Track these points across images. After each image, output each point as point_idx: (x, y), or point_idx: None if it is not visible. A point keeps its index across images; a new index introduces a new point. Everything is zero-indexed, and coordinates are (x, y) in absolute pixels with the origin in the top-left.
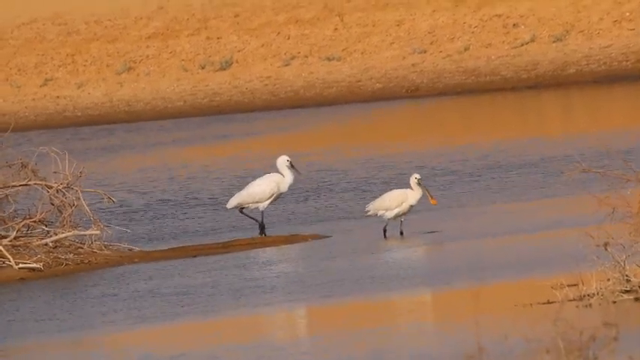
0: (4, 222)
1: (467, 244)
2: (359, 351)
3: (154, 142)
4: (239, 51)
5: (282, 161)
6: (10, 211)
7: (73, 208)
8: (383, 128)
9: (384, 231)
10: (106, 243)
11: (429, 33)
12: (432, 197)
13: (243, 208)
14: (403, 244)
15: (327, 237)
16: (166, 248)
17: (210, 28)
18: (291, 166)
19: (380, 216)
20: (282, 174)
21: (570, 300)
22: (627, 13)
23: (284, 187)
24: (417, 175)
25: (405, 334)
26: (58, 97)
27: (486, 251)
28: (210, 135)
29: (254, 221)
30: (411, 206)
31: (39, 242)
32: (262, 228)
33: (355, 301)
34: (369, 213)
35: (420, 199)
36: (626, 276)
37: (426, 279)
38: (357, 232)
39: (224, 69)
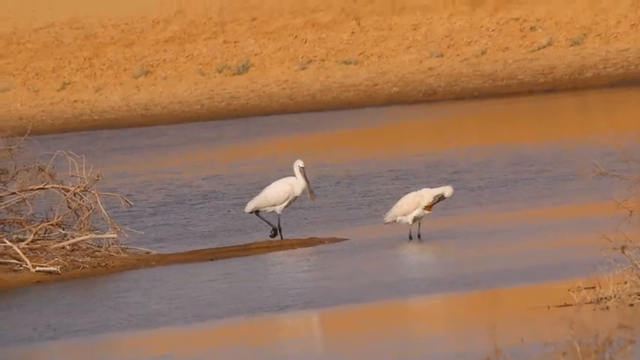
0: (22, 225)
1: (484, 247)
2: (375, 355)
3: (171, 146)
4: (256, 55)
5: (295, 166)
6: (28, 214)
7: (90, 211)
8: (399, 132)
9: (410, 236)
10: (123, 246)
11: (446, 37)
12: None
13: (259, 211)
14: (420, 247)
15: (345, 240)
16: (183, 251)
17: (228, 31)
18: (303, 174)
19: (399, 222)
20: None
21: (587, 303)
22: None
23: (298, 191)
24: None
25: (422, 337)
26: (75, 101)
27: (504, 254)
28: (227, 138)
29: (271, 225)
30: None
31: (56, 245)
32: (279, 231)
33: (372, 304)
34: (387, 221)
35: (437, 196)
36: None
37: (442, 282)
38: (374, 235)
39: (241, 73)
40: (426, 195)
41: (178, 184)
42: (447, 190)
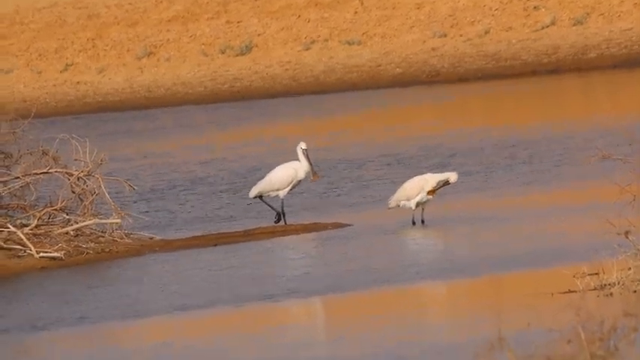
0: (25, 210)
1: (487, 232)
2: (378, 340)
3: (174, 128)
4: (259, 35)
5: (298, 148)
6: (32, 199)
7: (94, 196)
8: (403, 114)
9: (413, 221)
10: (126, 231)
11: (449, 16)
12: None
13: (263, 196)
14: (424, 233)
15: (348, 225)
16: (187, 236)
17: (230, 11)
18: (306, 156)
19: (402, 207)
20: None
21: (591, 289)
22: None
23: (301, 174)
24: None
25: (425, 323)
26: (78, 82)
27: (507, 240)
28: (230, 121)
29: (274, 210)
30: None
31: (60, 231)
32: (282, 216)
33: (375, 290)
34: (391, 206)
35: (440, 181)
36: None
37: (446, 268)
38: (378, 220)
39: (244, 54)
40: (430, 180)
41: (182, 167)
42: (452, 176)
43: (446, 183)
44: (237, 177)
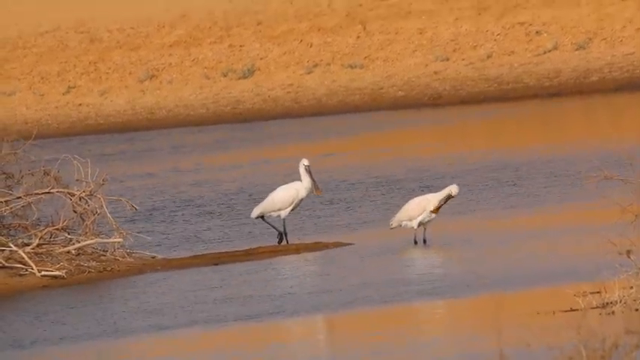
0: (27, 229)
1: (489, 251)
2: (379, 358)
3: (176, 150)
4: (261, 59)
5: (301, 165)
6: (33, 218)
7: (96, 215)
8: (405, 136)
9: (415, 240)
10: (128, 250)
11: (451, 41)
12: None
13: (264, 216)
14: (426, 252)
15: (350, 244)
16: (188, 256)
17: (233, 35)
18: (309, 172)
19: (404, 227)
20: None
21: (593, 308)
22: None
23: (303, 194)
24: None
25: (427, 341)
26: (80, 104)
27: (509, 259)
28: (232, 142)
29: (276, 230)
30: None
31: (61, 250)
32: (285, 236)
33: (376, 309)
34: (393, 226)
35: (443, 199)
36: None
37: (448, 286)
38: (379, 240)
39: (246, 77)
40: (432, 199)
41: (185, 187)
42: (452, 190)
43: (449, 197)
44: (239, 197)
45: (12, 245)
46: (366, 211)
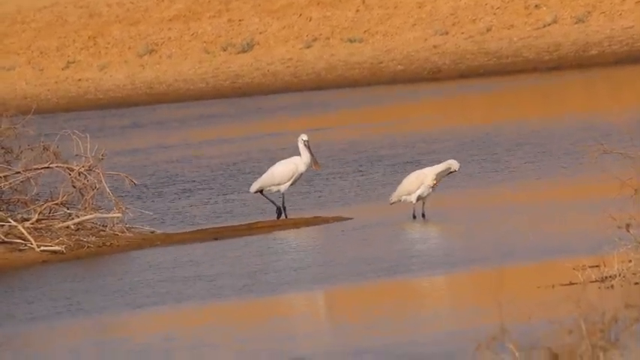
0: (26, 204)
1: (489, 225)
2: (379, 331)
3: (175, 124)
4: (260, 33)
5: (299, 140)
6: (32, 193)
7: (95, 190)
8: (405, 110)
9: (414, 215)
10: (127, 225)
11: (450, 14)
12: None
13: (263, 191)
14: (425, 226)
15: (349, 219)
16: (188, 230)
17: (232, 10)
18: (307, 147)
19: (404, 202)
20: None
21: (592, 281)
22: None
23: (302, 168)
24: (456, 167)
25: (427, 315)
26: (80, 79)
27: (508, 233)
28: (231, 116)
29: (275, 205)
30: (434, 182)
31: (61, 225)
32: (283, 210)
33: (376, 283)
34: (392, 201)
35: (442, 173)
36: None
37: (448, 261)
38: (379, 214)
39: (246, 51)
40: (429, 173)
41: (183, 162)
42: (453, 164)
43: (449, 172)
44: (238, 171)
45: (11, 220)
46: (365, 186)
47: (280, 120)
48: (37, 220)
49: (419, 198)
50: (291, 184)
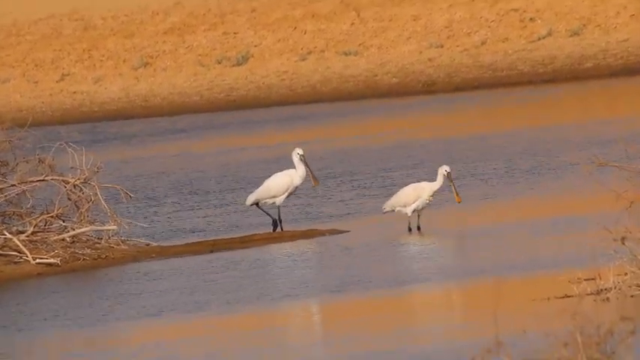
0: (22, 217)
1: (484, 238)
2: (375, 345)
3: (170, 137)
4: (255, 46)
5: (294, 154)
6: (28, 206)
7: (90, 203)
8: (399, 123)
9: (409, 228)
10: (123, 238)
11: (445, 27)
12: (457, 194)
13: (259, 203)
14: (421, 239)
15: (345, 232)
16: (184, 243)
17: (227, 23)
18: (303, 160)
19: (397, 212)
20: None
21: (588, 294)
22: None
23: (297, 181)
24: (447, 168)
25: (423, 328)
26: (74, 92)
27: (504, 246)
28: (226, 129)
29: (271, 217)
30: (430, 198)
31: (56, 237)
32: (279, 222)
33: (372, 296)
34: (385, 210)
35: (438, 191)
36: None
37: (443, 273)
38: (374, 227)
39: (240, 64)
40: (427, 187)
41: (178, 175)
42: (445, 169)
43: (449, 177)
44: (233, 184)
45: (6, 233)
46: (360, 199)
47: (275, 132)
48: (33, 233)
49: (414, 211)
50: (287, 197)
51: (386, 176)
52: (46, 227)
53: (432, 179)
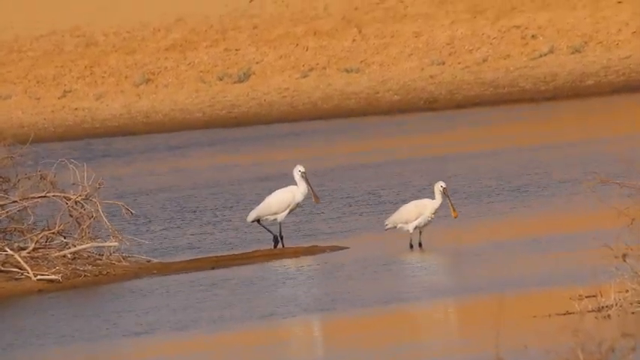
0: (23, 233)
1: (486, 255)
2: None
3: (172, 153)
4: (257, 63)
5: (295, 171)
6: (29, 222)
7: (92, 219)
8: (401, 140)
9: (410, 244)
10: (124, 254)
11: (447, 44)
12: (454, 209)
13: (260, 220)
14: (422, 256)
15: (346, 248)
16: (185, 259)
17: (229, 39)
18: (305, 177)
19: (399, 229)
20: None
21: (589, 311)
22: None
23: (299, 197)
24: (443, 184)
25: (424, 344)
26: (76, 108)
27: (505, 263)
28: (227, 146)
29: (272, 234)
30: (432, 215)
31: (57, 254)
32: (281, 239)
33: (373, 312)
34: (388, 227)
35: (439, 208)
36: None
37: (445, 290)
38: (375, 244)
39: (242, 81)
40: (429, 205)
41: (180, 191)
42: (440, 185)
43: (445, 193)
44: (235, 201)
45: (8, 249)
46: (362, 215)
47: (276, 149)
48: (34, 249)
49: (416, 227)
50: (288, 214)
51: (387, 193)
52: (48, 244)
53: (433, 197)
